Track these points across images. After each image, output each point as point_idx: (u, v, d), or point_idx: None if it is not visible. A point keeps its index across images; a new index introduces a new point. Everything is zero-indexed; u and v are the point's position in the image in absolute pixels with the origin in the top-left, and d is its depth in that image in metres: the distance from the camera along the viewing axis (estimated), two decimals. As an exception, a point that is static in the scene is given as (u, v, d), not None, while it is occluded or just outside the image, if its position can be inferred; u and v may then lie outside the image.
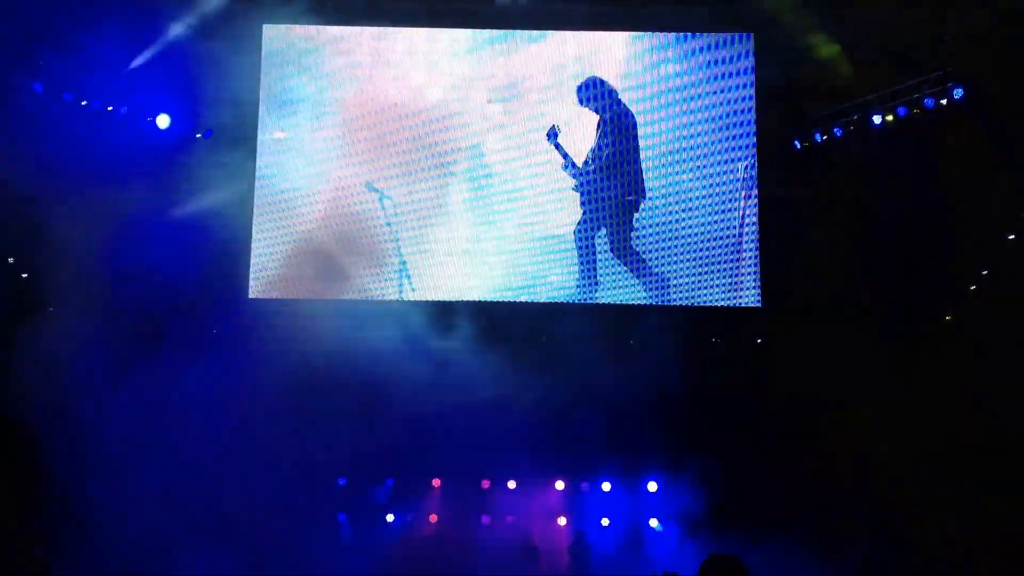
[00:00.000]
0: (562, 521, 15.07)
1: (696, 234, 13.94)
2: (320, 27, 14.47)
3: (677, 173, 13.96)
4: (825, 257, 14.50)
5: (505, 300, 14.22)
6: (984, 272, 13.63)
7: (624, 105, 14.08)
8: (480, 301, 14.20)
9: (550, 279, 14.14)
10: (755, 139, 13.86)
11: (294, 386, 13.37)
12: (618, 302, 14.11)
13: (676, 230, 13.98)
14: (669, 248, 13.93)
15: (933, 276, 14.11)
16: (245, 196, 14.31)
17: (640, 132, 14.03)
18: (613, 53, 14.08)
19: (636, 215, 14.06)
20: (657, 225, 13.98)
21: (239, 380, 13.34)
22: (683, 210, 13.97)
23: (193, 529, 12.89)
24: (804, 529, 13.94)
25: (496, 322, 14.19)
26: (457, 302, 14.17)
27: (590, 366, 14.21)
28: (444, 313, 13.98)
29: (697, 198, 13.93)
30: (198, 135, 14.33)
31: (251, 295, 14.35)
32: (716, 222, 13.89)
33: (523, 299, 14.24)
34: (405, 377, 13.09)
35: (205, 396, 13.25)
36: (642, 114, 14.04)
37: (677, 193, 14.02)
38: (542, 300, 14.21)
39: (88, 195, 13.49)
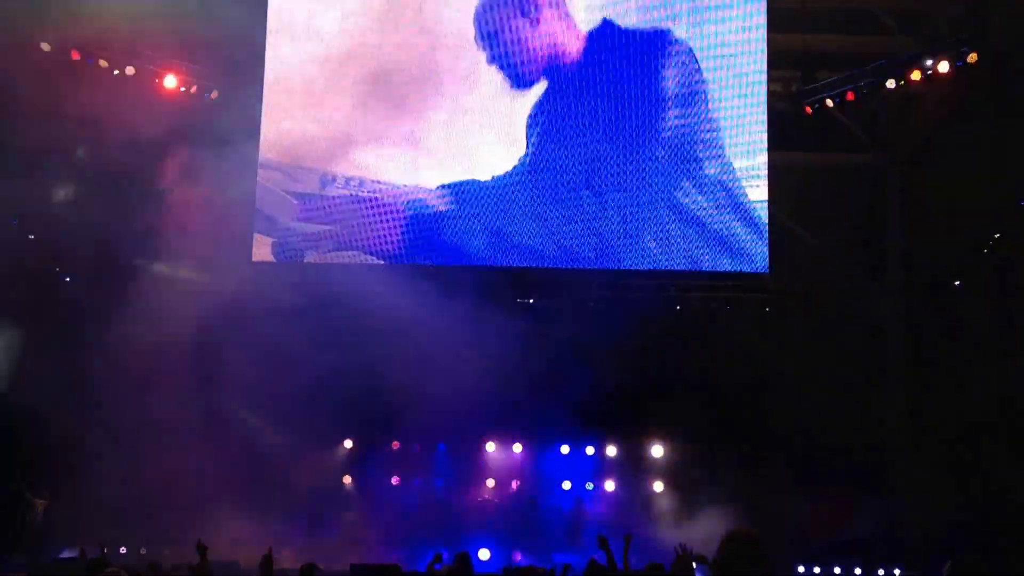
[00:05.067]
0: (567, 485, 15.11)
1: (704, 198, 13.80)
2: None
3: (688, 137, 13.81)
4: (834, 221, 14.44)
5: (507, 265, 14.13)
6: (997, 236, 13.48)
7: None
8: (480, 266, 14.10)
9: (554, 246, 14.06)
10: (766, 103, 13.67)
11: (297, 348, 13.36)
12: (625, 267, 14.00)
13: (684, 196, 13.84)
14: (677, 214, 13.81)
15: (944, 241, 13.99)
16: (249, 159, 14.22)
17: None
18: (624, 18, 13.90)
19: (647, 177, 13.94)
20: (665, 189, 13.85)
21: (244, 342, 13.35)
22: (692, 176, 13.83)
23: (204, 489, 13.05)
24: (810, 499, 13.98)
25: (499, 287, 14.15)
26: (455, 267, 14.07)
27: (595, 331, 14.18)
28: (443, 277, 13.88)
29: (707, 162, 13.78)
30: (206, 95, 14.26)
31: (254, 259, 14.31)
32: (724, 186, 13.74)
33: (528, 264, 14.14)
34: (407, 341, 13.06)
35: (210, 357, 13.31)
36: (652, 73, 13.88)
37: (687, 158, 13.88)
38: (546, 265, 14.12)
39: (93, 156, 13.55)
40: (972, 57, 12.55)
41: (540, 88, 13.93)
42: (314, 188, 14.21)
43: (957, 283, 14.06)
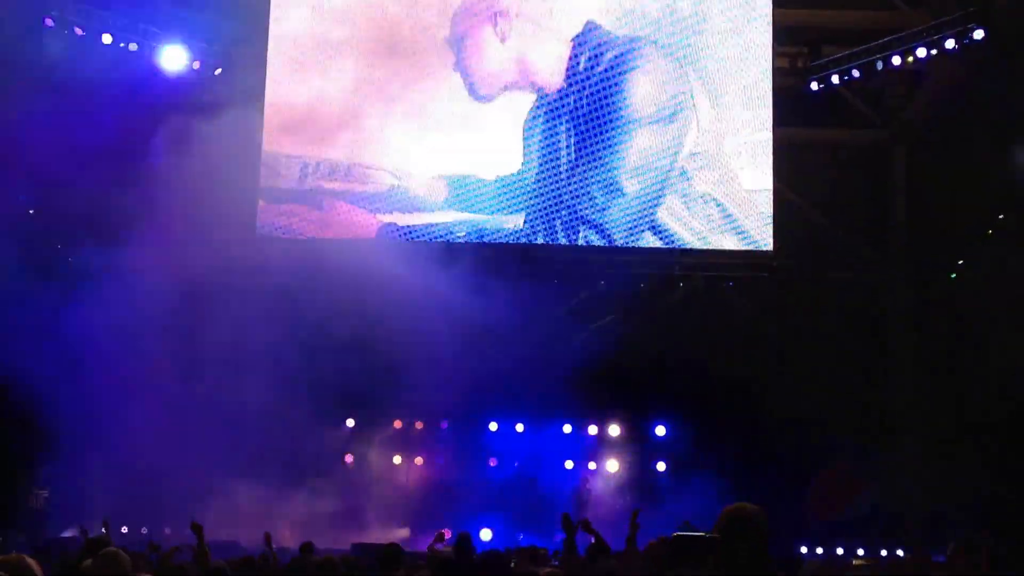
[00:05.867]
0: (569, 464, 15.09)
1: (708, 175, 13.68)
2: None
3: (691, 110, 13.69)
4: (839, 200, 14.33)
5: (511, 241, 14.06)
6: (1000, 216, 13.36)
7: None
8: (483, 242, 14.03)
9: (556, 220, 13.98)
10: (771, 79, 13.54)
11: (297, 325, 13.32)
12: (631, 244, 13.91)
13: (687, 173, 13.73)
14: (680, 191, 13.71)
15: (949, 219, 13.87)
16: (253, 133, 14.14)
17: (652, 70, 13.76)
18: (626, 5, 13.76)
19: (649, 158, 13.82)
20: (670, 167, 13.73)
21: (247, 315, 13.30)
22: (697, 152, 13.71)
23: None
24: (811, 479, 13.94)
25: (502, 265, 14.08)
26: (457, 243, 13.99)
27: (598, 309, 14.12)
28: (445, 253, 13.80)
29: (711, 138, 13.65)
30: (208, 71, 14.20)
31: (259, 232, 14.25)
32: (728, 162, 13.63)
33: (529, 240, 14.06)
34: (409, 319, 12.99)
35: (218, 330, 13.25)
36: (657, 50, 13.74)
37: (690, 136, 13.76)
38: (553, 242, 14.04)
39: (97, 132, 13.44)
40: (978, 34, 12.41)
41: (527, 95, 13.83)
42: (293, 175, 14.17)
43: (960, 262, 13.94)
